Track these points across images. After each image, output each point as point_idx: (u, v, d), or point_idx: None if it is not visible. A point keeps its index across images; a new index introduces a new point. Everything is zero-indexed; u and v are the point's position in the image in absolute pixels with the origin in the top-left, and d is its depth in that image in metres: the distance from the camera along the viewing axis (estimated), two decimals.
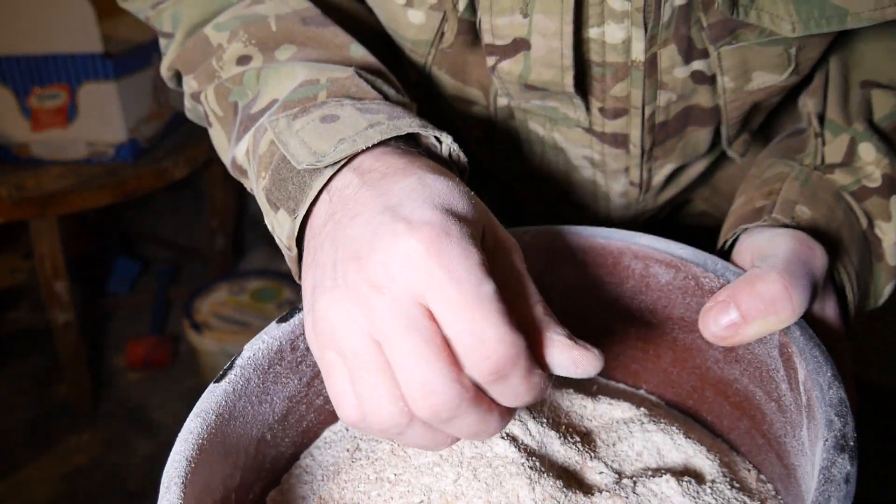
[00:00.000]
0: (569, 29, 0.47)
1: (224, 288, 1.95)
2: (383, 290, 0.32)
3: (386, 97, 0.45)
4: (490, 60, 0.52)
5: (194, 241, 2.38)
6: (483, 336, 0.31)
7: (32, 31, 1.57)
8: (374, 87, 0.45)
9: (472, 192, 0.37)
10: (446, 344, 0.31)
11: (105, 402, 1.88)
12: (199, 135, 1.83)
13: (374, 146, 0.39)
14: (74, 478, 1.68)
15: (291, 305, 2.03)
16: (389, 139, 0.39)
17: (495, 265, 0.34)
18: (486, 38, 0.50)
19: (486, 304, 0.31)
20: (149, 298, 2.16)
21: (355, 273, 0.33)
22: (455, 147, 0.41)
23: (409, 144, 0.41)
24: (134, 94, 1.66)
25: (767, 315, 0.37)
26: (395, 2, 0.52)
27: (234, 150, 0.46)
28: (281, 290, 1.95)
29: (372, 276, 0.32)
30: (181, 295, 2.10)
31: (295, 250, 0.40)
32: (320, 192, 0.38)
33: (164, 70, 0.55)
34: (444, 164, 0.42)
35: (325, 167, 0.38)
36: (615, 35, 0.48)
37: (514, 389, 0.32)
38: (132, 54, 1.64)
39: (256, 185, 0.43)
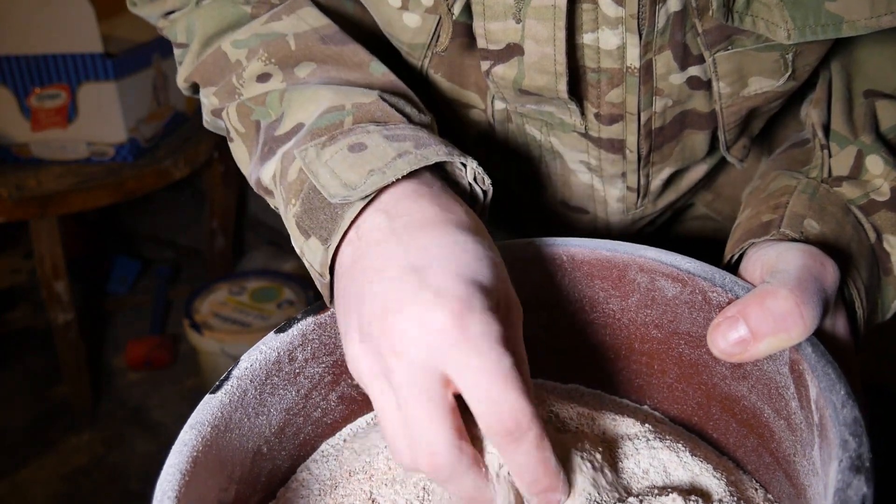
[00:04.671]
0: (561, 35, 0.47)
1: (224, 288, 1.95)
2: (403, 356, 0.34)
3: (410, 119, 0.46)
4: (484, 65, 0.51)
5: (194, 241, 2.38)
6: (500, 405, 0.33)
7: (32, 31, 1.57)
8: (397, 109, 0.46)
9: (493, 244, 0.39)
10: (456, 411, 0.35)
11: (105, 402, 1.89)
12: (200, 135, 1.83)
13: (403, 178, 0.40)
14: (74, 478, 1.68)
15: (291, 305, 1.99)
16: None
17: (508, 330, 0.36)
18: (481, 43, 0.50)
19: (504, 375, 0.34)
20: (149, 298, 2.17)
21: (379, 335, 0.35)
22: (480, 171, 0.43)
23: (436, 171, 0.43)
24: (134, 94, 1.66)
25: (778, 332, 0.37)
26: (390, 5, 0.52)
27: (259, 171, 0.48)
28: (281, 290, 1.95)
29: (394, 342, 0.35)
30: (181, 295, 2.10)
31: (328, 277, 0.41)
32: (350, 225, 0.40)
33: (181, 81, 0.56)
34: (466, 190, 0.45)
35: (357, 200, 0.40)
36: (610, 41, 0.48)
37: (526, 455, 0.35)
38: (132, 54, 1.64)
39: (286, 211, 0.44)
